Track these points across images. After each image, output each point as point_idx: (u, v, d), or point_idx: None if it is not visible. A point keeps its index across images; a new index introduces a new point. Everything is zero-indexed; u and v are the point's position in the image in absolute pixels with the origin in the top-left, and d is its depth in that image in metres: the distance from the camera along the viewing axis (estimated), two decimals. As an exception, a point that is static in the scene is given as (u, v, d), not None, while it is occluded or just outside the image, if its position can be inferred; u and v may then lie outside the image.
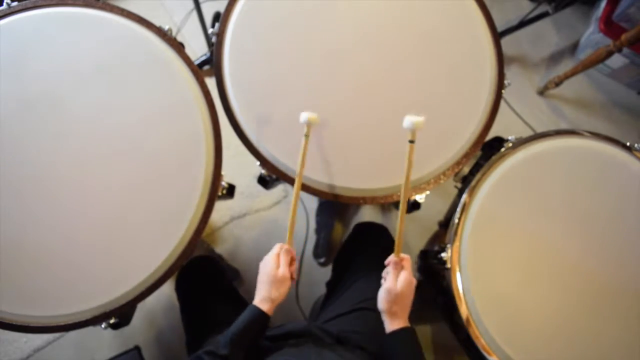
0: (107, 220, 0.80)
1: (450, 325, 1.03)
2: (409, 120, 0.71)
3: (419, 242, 1.57)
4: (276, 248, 0.77)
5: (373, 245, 1.04)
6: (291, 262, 0.77)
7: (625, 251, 0.88)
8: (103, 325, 0.81)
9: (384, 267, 1.01)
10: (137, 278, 0.78)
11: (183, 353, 0.96)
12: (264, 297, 0.73)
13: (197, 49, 1.75)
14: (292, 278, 0.76)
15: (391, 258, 0.75)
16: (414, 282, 0.74)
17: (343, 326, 0.87)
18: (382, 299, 0.73)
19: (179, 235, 0.81)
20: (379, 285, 0.79)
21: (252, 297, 0.76)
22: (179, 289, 1.01)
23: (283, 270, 0.74)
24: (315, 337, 0.82)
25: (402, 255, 0.75)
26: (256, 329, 0.72)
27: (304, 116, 0.79)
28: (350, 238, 1.10)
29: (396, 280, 0.73)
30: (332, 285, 1.07)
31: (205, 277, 1.02)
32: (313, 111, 0.81)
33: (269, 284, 0.73)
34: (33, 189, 0.79)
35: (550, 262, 0.87)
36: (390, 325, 0.72)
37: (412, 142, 0.72)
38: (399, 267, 0.74)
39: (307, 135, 0.80)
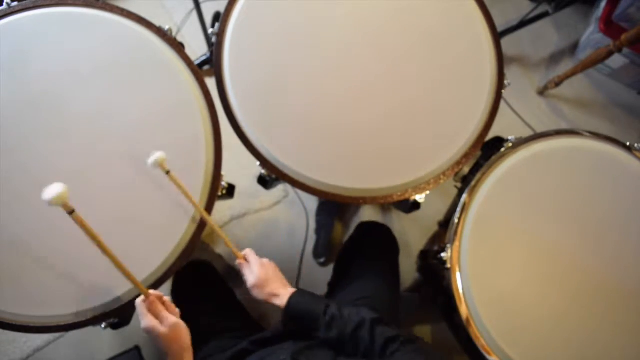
0: (107, 221, 0.79)
1: (450, 325, 1.03)
2: (152, 158, 0.75)
3: (419, 242, 1.57)
4: (139, 307, 0.65)
5: (375, 244, 1.04)
6: (164, 303, 0.67)
7: (625, 251, 0.88)
8: (103, 325, 0.81)
9: (386, 266, 1.01)
10: (137, 278, 0.77)
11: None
12: None
13: (197, 49, 1.75)
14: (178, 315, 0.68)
15: (237, 262, 0.82)
16: (265, 261, 0.81)
17: None
18: (256, 294, 0.77)
19: (179, 235, 0.81)
20: (379, 283, 0.79)
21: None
22: (175, 293, 0.99)
23: (166, 322, 0.63)
24: (296, 336, 0.80)
25: (241, 253, 0.83)
26: None
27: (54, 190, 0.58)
28: (352, 237, 1.10)
29: (252, 273, 0.79)
30: (333, 285, 1.07)
31: (202, 281, 1.01)
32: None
33: (166, 350, 0.64)
34: (33, 189, 0.79)
35: (550, 262, 0.87)
36: (280, 301, 0.76)
37: (168, 172, 0.76)
38: (246, 264, 0.81)
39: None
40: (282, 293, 0.77)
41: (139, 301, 0.65)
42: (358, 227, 1.11)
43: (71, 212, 0.59)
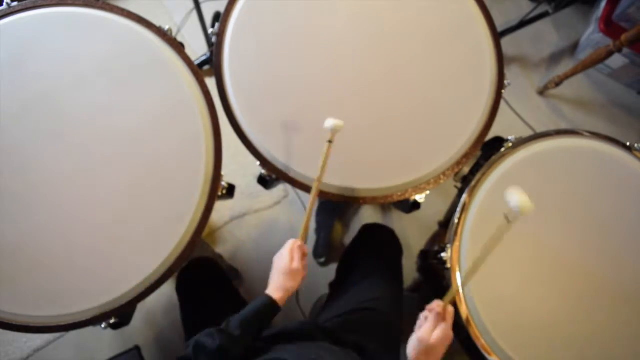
0: (107, 221, 0.80)
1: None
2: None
3: (419, 242, 1.57)
4: (290, 243, 0.79)
5: (380, 248, 1.04)
6: (303, 257, 0.80)
7: (625, 251, 0.88)
8: (103, 325, 0.81)
9: (389, 268, 1.01)
10: (137, 278, 0.78)
11: (182, 353, 0.95)
12: (278, 286, 0.75)
13: (197, 49, 1.75)
14: (304, 272, 0.79)
15: (435, 305, 0.69)
16: (451, 337, 0.68)
17: (342, 325, 0.86)
18: (411, 347, 0.67)
19: (179, 235, 0.81)
20: (383, 286, 0.78)
21: (253, 298, 0.76)
22: (180, 289, 1.01)
23: (297, 264, 0.76)
24: (310, 335, 0.81)
25: (449, 307, 0.69)
26: (266, 317, 0.74)
27: (330, 123, 0.78)
28: (356, 239, 1.10)
29: (432, 332, 0.66)
30: (336, 286, 1.07)
31: (207, 278, 1.02)
32: (329, 115, 0.79)
33: (284, 275, 0.76)
34: (33, 190, 0.79)
35: (550, 262, 0.87)
36: None
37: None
38: (440, 317, 0.68)
39: (330, 141, 0.78)
40: None
41: (294, 241, 0.79)
42: (361, 229, 1.11)
43: (329, 142, 0.78)
